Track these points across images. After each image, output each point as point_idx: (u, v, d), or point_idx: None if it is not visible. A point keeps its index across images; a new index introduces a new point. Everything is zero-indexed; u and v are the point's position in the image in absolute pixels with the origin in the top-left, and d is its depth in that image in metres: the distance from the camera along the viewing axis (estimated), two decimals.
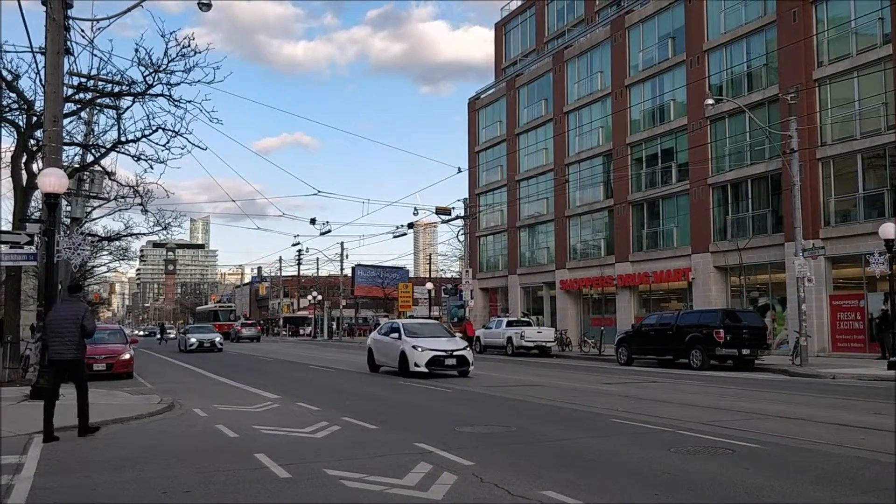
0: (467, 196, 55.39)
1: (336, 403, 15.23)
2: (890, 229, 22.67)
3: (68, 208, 27.31)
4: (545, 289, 51.38)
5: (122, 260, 56.79)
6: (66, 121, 19.87)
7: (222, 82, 35.04)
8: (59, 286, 19.63)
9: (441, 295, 74.57)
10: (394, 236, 53.27)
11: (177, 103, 20.61)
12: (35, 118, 20.47)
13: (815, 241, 29.78)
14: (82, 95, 21.36)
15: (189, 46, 19.79)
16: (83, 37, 18.36)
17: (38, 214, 24.02)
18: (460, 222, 50.60)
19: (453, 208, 48.66)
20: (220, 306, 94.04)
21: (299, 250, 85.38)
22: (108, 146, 22.91)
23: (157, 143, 21.52)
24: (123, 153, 22.43)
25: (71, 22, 17.10)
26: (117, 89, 20.99)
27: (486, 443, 10.26)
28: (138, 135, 21.48)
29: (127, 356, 23.19)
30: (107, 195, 29.19)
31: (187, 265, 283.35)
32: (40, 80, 18.98)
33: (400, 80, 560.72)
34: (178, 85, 20.37)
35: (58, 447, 10.08)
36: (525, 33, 57.97)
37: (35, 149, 21.02)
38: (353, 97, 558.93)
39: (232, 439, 10.78)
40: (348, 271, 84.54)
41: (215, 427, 11.94)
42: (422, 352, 21.82)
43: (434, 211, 48.20)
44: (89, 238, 35.06)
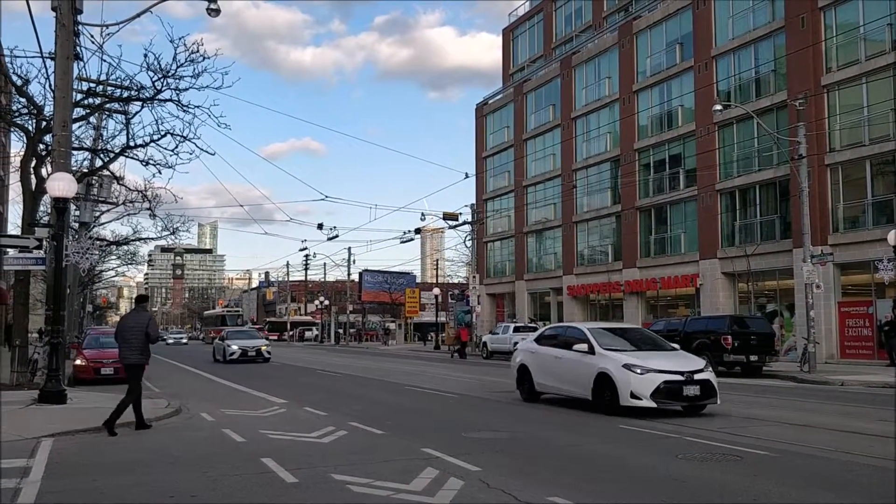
0: (474, 201, 55.43)
1: (343, 408, 15.22)
2: None
3: (77, 213, 27.44)
4: (552, 294, 51.30)
5: (131, 264, 57.20)
6: (75, 125, 19.95)
7: (230, 88, 35.25)
8: (68, 290, 19.71)
9: (448, 300, 74.54)
10: (401, 241, 53.32)
11: (185, 108, 20.74)
12: (44, 123, 20.57)
13: (823, 247, 29.68)
14: (91, 100, 21.46)
15: (198, 52, 19.93)
16: (93, 42, 18.60)
17: (46, 219, 24.10)
18: (467, 228, 50.65)
19: (460, 214, 48.83)
20: (227, 311, 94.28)
21: (307, 255, 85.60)
22: (117, 151, 23.02)
23: (165, 148, 21.68)
24: (132, 158, 22.56)
25: (80, 27, 17.21)
26: (126, 94, 21.10)
27: (492, 448, 10.24)
28: (147, 139, 21.62)
29: None
30: (115, 200, 29.34)
31: (195, 270, 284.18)
32: (50, 85, 19.12)
33: (407, 85, 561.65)
34: (186, 90, 20.49)
35: (65, 451, 10.10)
36: (533, 39, 58.02)
37: (44, 153, 21.11)
38: (360, 103, 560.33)
39: (239, 444, 10.79)
40: (355, 276, 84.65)
41: (222, 431, 11.95)
42: (643, 375, 13.52)
43: (441, 216, 48.32)
44: (98, 242, 35.22)
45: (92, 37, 21.03)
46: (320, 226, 49.99)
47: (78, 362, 22.51)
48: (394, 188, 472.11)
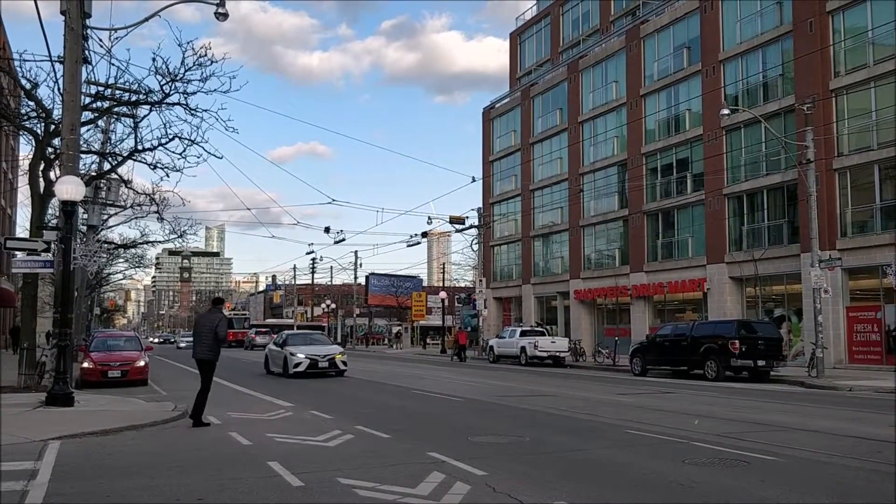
0: (481, 205, 55.46)
1: (349, 412, 15.22)
2: None
3: (85, 216, 27.58)
4: (559, 299, 51.25)
5: (138, 267, 57.37)
6: (83, 129, 20.07)
7: (238, 91, 35.33)
8: (75, 293, 19.77)
9: (455, 304, 74.51)
10: (407, 245, 53.29)
11: (193, 112, 20.80)
12: (53, 126, 20.65)
13: (831, 252, 29.56)
14: (100, 104, 21.54)
15: (206, 56, 19.97)
16: (101, 46, 18.54)
17: (55, 222, 24.19)
18: (474, 231, 50.61)
19: (467, 217, 48.76)
20: (234, 314, 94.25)
21: (313, 259, 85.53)
22: (125, 154, 23.08)
23: (173, 152, 21.71)
24: (140, 161, 22.64)
25: (89, 31, 17.29)
26: (134, 98, 21.17)
27: (499, 453, 10.22)
28: (155, 143, 21.67)
29: (142, 363, 23.26)
30: (123, 203, 29.45)
31: (202, 273, 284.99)
32: (58, 89, 19.21)
33: (414, 89, 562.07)
34: (194, 94, 20.60)
35: (72, 453, 10.12)
36: (540, 43, 58.03)
37: (53, 157, 21.20)
38: (367, 107, 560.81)
39: (245, 447, 10.80)
40: (362, 280, 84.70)
41: (228, 435, 11.96)
42: None
43: (448, 220, 48.29)
44: (105, 245, 35.34)
45: (100, 41, 21.09)
46: (327, 229, 50.09)
47: (85, 365, 22.55)
48: (400, 192, 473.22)
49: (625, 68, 45.16)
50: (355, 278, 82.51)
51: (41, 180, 21.04)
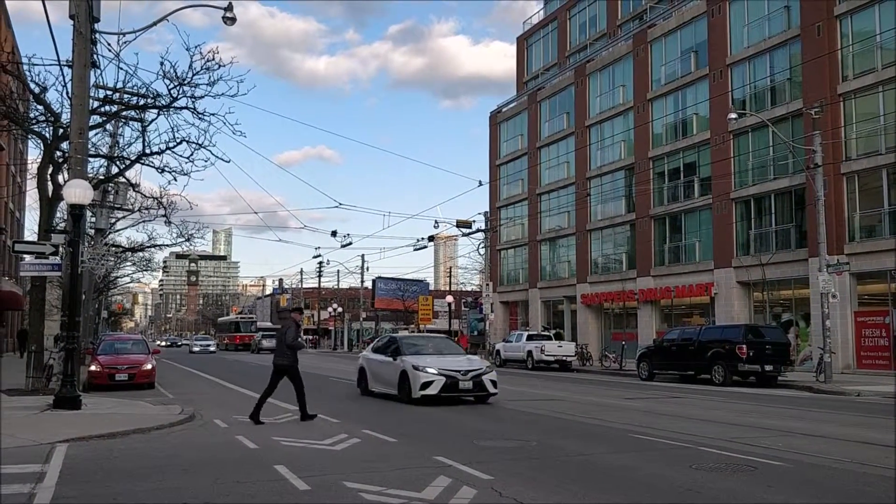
0: (488, 209, 55.34)
1: (355, 416, 15.22)
2: None
3: (93, 219, 27.65)
4: (566, 303, 51.19)
5: (145, 271, 57.36)
6: (91, 133, 20.11)
7: (245, 95, 35.28)
8: (83, 296, 19.83)
9: (461, 308, 74.45)
10: (414, 249, 53.34)
11: (201, 116, 20.84)
12: (61, 130, 20.73)
13: (839, 256, 29.47)
14: (108, 108, 21.63)
15: (213, 60, 20.02)
16: (109, 50, 18.62)
17: (63, 225, 24.28)
18: (481, 235, 50.55)
19: (474, 221, 48.68)
20: (241, 318, 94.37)
21: (320, 262, 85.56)
22: (133, 158, 23.16)
23: (181, 156, 21.76)
24: (148, 165, 22.69)
25: (98, 36, 17.35)
26: (142, 102, 21.23)
27: (505, 457, 10.21)
28: (163, 147, 21.76)
29: (149, 366, 23.28)
30: (131, 206, 29.52)
31: (209, 276, 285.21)
32: (67, 93, 19.28)
33: (421, 94, 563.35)
34: (202, 98, 20.59)
35: (79, 456, 10.14)
36: (547, 47, 58.06)
37: (61, 160, 21.28)
38: (374, 111, 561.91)
39: (252, 450, 10.80)
40: (369, 284, 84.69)
41: (235, 438, 11.98)
42: None
43: (455, 224, 48.25)
44: (113, 249, 35.44)
45: (109, 45, 21.21)
46: (334, 233, 50.15)
47: (92, 368, 22.60)
48: (407, 196, 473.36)
49: (632, 72, 45.12)
50: (362, 282, 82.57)
51: (49, 184, 21.12)
